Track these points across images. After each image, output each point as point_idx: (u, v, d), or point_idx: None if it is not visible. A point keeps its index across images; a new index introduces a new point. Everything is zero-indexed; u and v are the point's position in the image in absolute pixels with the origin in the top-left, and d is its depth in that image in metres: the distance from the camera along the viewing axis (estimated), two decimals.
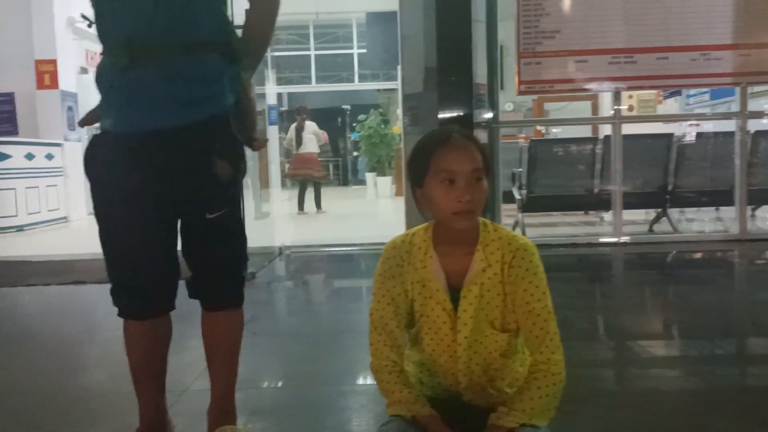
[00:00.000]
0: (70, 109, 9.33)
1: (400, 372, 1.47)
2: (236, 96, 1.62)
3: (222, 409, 1.72)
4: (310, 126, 10.19)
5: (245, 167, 1.68)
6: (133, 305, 1.65)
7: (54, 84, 9.22)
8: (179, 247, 1.69)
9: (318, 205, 10.10)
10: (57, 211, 8.88)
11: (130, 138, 1.53)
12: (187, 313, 1.69)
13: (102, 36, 1.57)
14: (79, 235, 7.69)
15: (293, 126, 10.35)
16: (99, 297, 1.70)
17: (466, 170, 1.39)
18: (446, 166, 1.40)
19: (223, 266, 1.67)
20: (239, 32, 1.70)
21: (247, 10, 1.69)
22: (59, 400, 2.28)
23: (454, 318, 1.48)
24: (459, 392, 1.53)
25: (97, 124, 1.63)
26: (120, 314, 1.67)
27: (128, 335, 1.68)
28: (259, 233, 5.57)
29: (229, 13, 1.68)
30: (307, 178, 10.11)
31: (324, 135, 10.68)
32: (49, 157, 8.76)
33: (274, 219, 7.80)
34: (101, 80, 1.58)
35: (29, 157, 8.38)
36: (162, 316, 1.70)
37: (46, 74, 9.20)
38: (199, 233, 1.61)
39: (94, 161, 1.61)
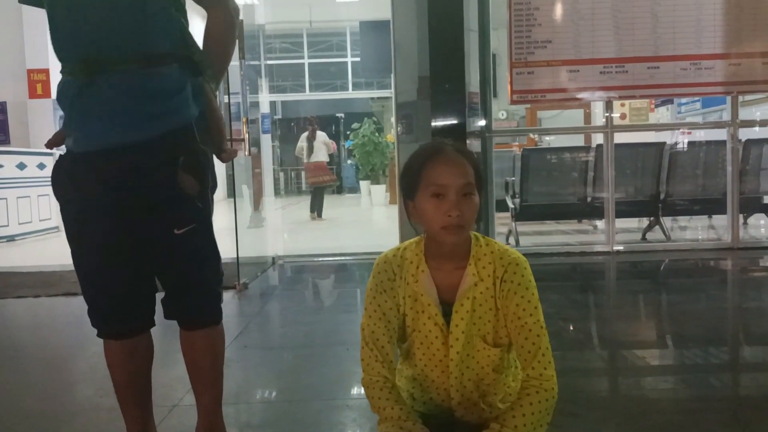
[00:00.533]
0: (62, 118, 9.28)
1: (391, 388, 1.46)
2: (201, 108, 1.60)
3: (209, 428, 1.70)
4: (321, 136, 10.67)
5: (214, 180, 1.65)
6: (111, 326, 1.63)
7: (46, 93, 9.19)
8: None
9: (319, 212, 10.39)
10: (49, 221, 8.83)
11: (91, 156, 1.51)
12: (174, 325, 1.67)
13: (59, 53, 1.54)
14: None
15: (304, 135, 10.84)
16: None
17: (457, 185, 1.38)
18: (436, 180, 1.39)
19: (196, 283, 1.63)
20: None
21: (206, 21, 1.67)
22: (49, 415, 2.25)
23: (446, 333, 1.47)
24: (451, 408, 1.52)
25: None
26: (99, 335, 1.65)
27: (109, 355, 1.65)
28: (252, 243, 5.55)
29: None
30: (320, 185, 10.58)
31: (333, 144, 11.29)
32: (41, 166, 8.71)
33: (267, 228, 7.77)
34: (61, 99, 1.56)
35: (21, 166, 8.34)
36: (141, 334, 1.67)
37: (39, 83, 9.18)
38: (169, 249, 1.58)
39: (60, 182, 1.59)
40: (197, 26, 1.60)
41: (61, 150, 1.64)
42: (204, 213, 1.61)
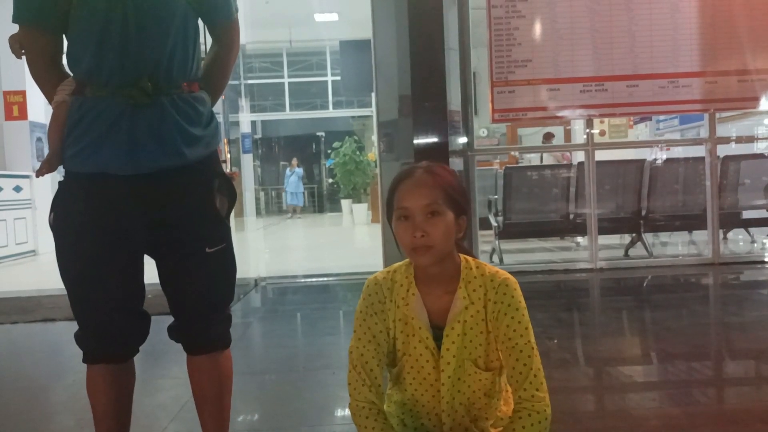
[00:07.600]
0: (39, 140, 9.18)
1: (378, 414, 1.43)
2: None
3: None
4: None
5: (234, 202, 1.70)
6: (105, 349, 1.58)
7: (23, 115, 9.07)
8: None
9: None
10: (25, 245, 8.68)
11: (131, 179, 1.49)
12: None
13: (99, 76, 1.49)
14: (47, 269, 7.49)
15: None
16: (68, 335, 1.62)
17: (418, 206, 1.39)
18: (400, 203, 1.42)
19: (214, 303, 1.63)
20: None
21: (212, 48, 1.72)
22: None
23: (437, 356, 1.45)
24: None
25: (59, 170, 1.58)
26: (86, 359, 1.60)
27: (93, 382, 1.60)
28: None
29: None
30: None
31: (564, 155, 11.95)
32: (18, 189, 8.58)
33: (249, 249, 7.70)
34: (88, 119, 1.49)
35: None
36: (130, 359, 1.65)
37: (15, 105, 9.05)
38: (198, 267, 1.58)
39: (71, 205, 1.53)
40: None
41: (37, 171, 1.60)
42: (230, 234, 1.66)
